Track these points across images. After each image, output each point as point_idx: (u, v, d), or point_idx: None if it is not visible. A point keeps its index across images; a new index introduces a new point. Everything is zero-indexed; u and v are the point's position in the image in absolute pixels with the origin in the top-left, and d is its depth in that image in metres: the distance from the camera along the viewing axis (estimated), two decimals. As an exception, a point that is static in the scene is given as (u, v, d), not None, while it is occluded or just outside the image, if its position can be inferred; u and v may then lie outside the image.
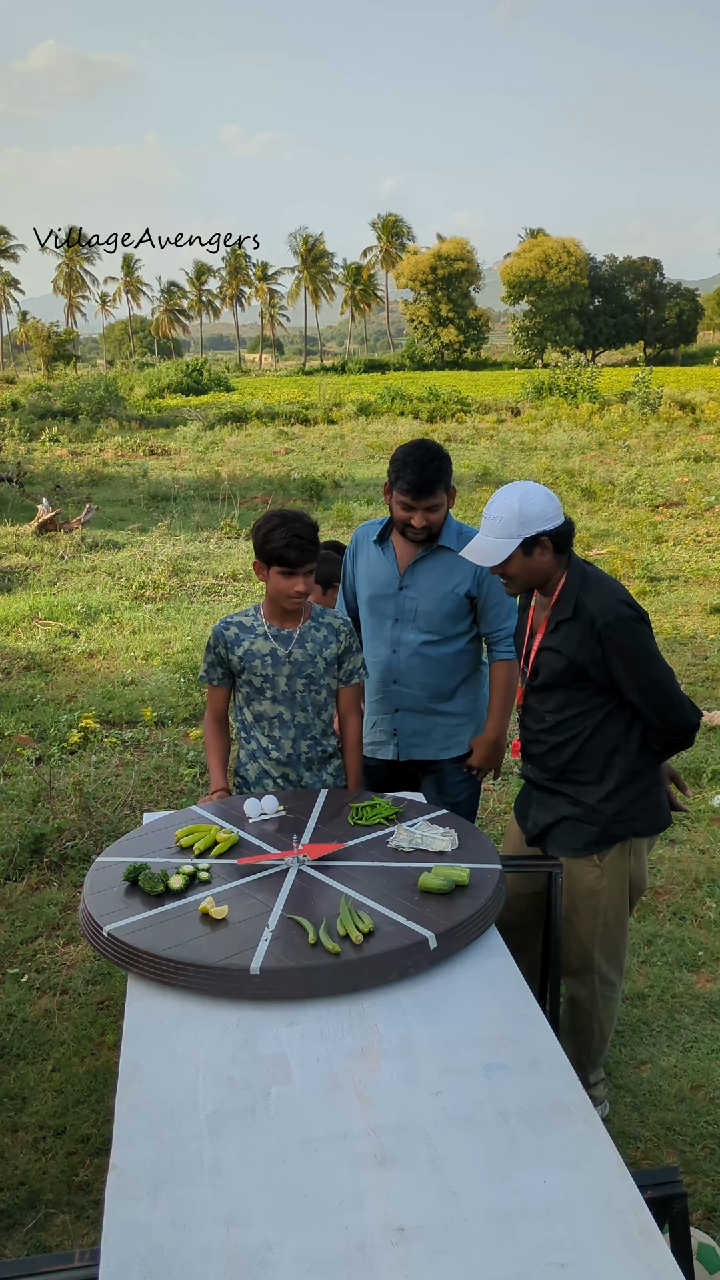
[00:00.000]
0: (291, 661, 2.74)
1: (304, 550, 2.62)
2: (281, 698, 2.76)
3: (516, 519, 2.39)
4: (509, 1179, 1.48)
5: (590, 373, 30.54)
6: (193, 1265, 1.35)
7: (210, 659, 2.82)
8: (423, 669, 2.97)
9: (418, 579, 2.95)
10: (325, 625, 2.80)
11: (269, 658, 2.73)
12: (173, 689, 6.41)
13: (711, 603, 8.18)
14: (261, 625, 2.77)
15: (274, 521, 2.65)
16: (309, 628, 2.77)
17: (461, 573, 2.92)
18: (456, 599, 2.93)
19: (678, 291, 75.95)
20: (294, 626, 2.76)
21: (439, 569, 2.94)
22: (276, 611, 2.76)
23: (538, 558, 2.44)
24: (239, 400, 33.80)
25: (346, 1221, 1.41)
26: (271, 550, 2.63)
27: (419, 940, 1.96)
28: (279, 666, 2.74)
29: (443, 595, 2.93)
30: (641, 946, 3.59)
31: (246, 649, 2.75)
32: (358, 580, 3.09)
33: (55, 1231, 2.45)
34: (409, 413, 26.91)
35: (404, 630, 2.97)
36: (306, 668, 2.75)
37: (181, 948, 1.95)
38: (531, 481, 2.47)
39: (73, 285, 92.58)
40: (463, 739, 3.06)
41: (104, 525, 12.55)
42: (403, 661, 2.98)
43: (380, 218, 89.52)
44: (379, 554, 3.02)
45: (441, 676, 2.98)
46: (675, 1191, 1.70)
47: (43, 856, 4.21)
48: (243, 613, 2.83)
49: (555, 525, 2.41)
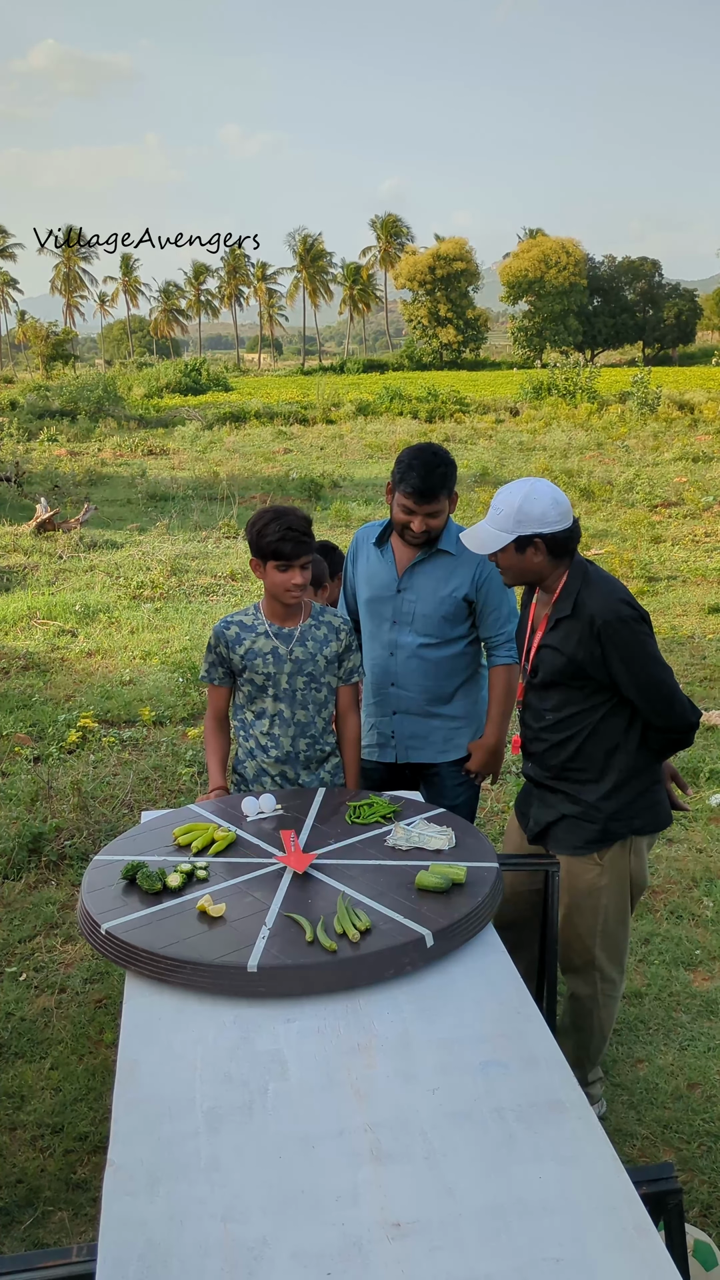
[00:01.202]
0: (293, 659, 2.74)
1: (298, 543, 2.62)
2: (283, 695, 2.76)
3: (514, 515, 2.40)
4: (505, 1175, 1.48)
5: (589, 373, 30.52)
6: (190, 1260, 1.36)
7: (211, 659, 2.82)
8: (420, 672, 2.96)
9: (416, 581, 2.94)
10: (325, 623, 2.80)
11: (270, 656, 2.73)
12: (171, 688, 6.41)
13: (710, 602, 8.19)
14: (262, 624, 2.77)
15: (267, 517, 2.65)
16: (309, 626, 2.78)
17: (460, 576, 2.91)
18: (454, 602, 2.92)
19: (676, 292, 75.99)
20: (294, 624, 2.76)
21: (438, 572, 2.93)
22: (277, 609, 2.76)
23: (529, 557, 2.44)
24: (237, 400, 33.78)
25: (343, 1217, 1.41)
26: (266, 545, 2.63)
27: (416, 938, 1.96)
28: (280, 664, 2.74)
29: (441, 598, 2.92)
30: (639, 945, 3.59)
31: (248, 648, 2.74)
32: (357, 582, 3.09)
33: (53, 1229, 2.45)
34: (407, 413, 26.91)
35: (401, 633, 2.96)
36: (307, 665, 2.75)
37: (179, 945, 1.96)
38: (546, 482, 2.45)
39: (71, 285, 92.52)
40: (461, 742, 3.05)
41: (102, 525, 12.55)
42: (400, 664, 2.97)
43: (379, 218, 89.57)
44: (378, 556, 3.01)
45: (439, 680, 2.98)
46: (671, 1188, 1.71)
47: (41, 855, 4.22)
48: (243, 612, 2.82)
49: (554, 530, 2.40)
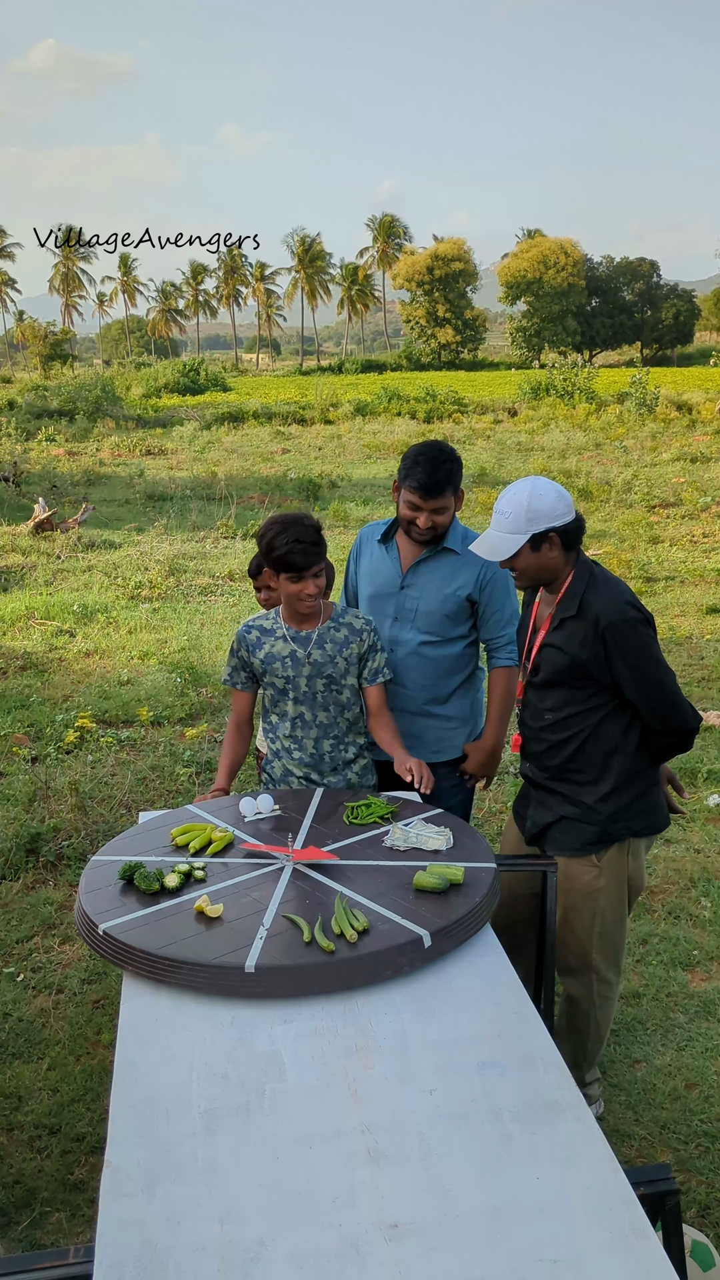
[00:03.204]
0: (311, 663, 2.74)
1: (307, 553, 2.62)
2: (303, 699, 2.77)
3: (525, 514, 2.40)
4: (502, 1176, 1.48)
5: (587, 373, 30.53)
6: (187, 1262, 1.36)
7: (233, 663, 2.84)
8: (419, 670, 2.96)
9: (419, 579, 2.94)
10: (346, 625, 2.80)
11: (289, 659, 2.74)
12: (169, 689, 6.41)
13: (707, 603, 8.20)
14: (281, 628, 2.78)
15: (275, 528, 2.65)
16: (328, 628, 2.78)
17: (464, 575, 2.91)
18: (458, 601, 2.92)
19: (675, 292, 76.05)
20: (312, 628, 2.77)
21: (442, 570, 2.93)
22: (294, 614, 2.78)
23: (546, 554, 2.45)
24: (236, 400, 33.79)
25: (340, 1218, 1.41)
26: (276, 557, 2.64)
27: (413, 939, 1.96)
28: (299, 668, 2.74)
29: (444, 596, 2.92)
30: (636, 946, 3.60)
31: (267, 652, 2.76)
32: (360, 579, 3.09)
33: (50, 1230, 2.45)
34: (406, 413, 26.91)
35: (403, 629, 2.96)
36: (326, 668, 2.75)
37: (177, 946, 1.96)
38: (543, 477, 2.47)
39: (69, 285, 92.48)
40: (456, 743, 3.05)
41: (100, 525, 12.55)
42: (400, 661, 2.97)
43: (377, 218, 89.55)
44: (382, 553, 3.02)
45: (438, 678, 2.98)
46: (668, 1188, 1.70)
47: (38, 856, 4.21)
48: (264, 615, 2.84)
49: (564, 522, 2.42)
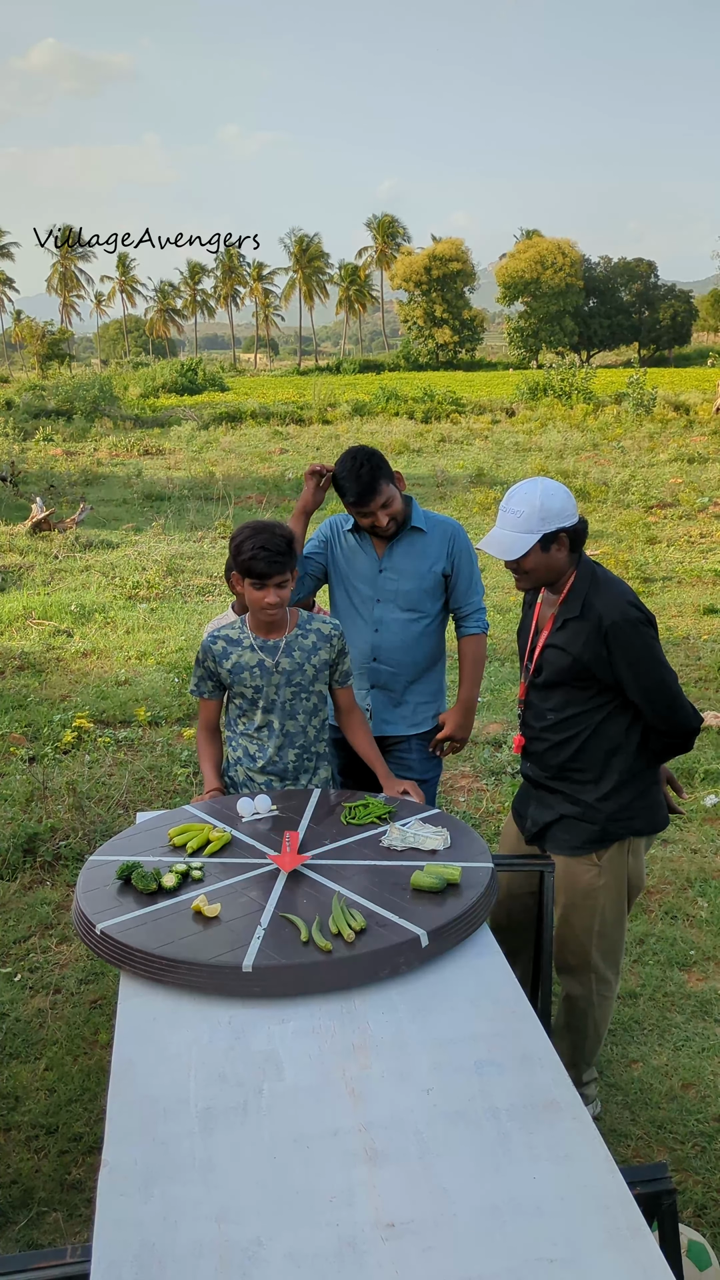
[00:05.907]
0: (280, 671, 2.72)
1: (271, 562, 2.57)
2: (272, 707, 2.75)
3: (538, 514, 2.41)
4: (499, 1175, 1.48)
5: (585, 374, 30.55)
6: (184, 1261, 1.36)
7: (200, 673, 2.80)
8: (402, 646, 3.08)
9: (396, 561, 3.06)
10: (314, 631, 2.77)
11: (257, 669, 2.72)
12: (166, 689, 6.41)
13: (704, 603, 8.21)
14: (248, 637, 2.74)
15: (245, 533, 2.61)
16: (295, 636, 2.75)
17: (435, 552, 3.05)
18: (434, 577, 3.05)
19: (672, 293, 76.09)
20: (279, 636, 2.74)
21: (414, 549, 3.05)
22: (259, 623, 2.74)
23: (554, 554, 2.46)
24: (234, 400, 33.79)
25: (337, 1218, 1.41)
26: (241, 561, 2.59)
27: (411, 938, 1.96)
28: (268, 677, 2.72)
29: (421, 574, 3.05)
30: (634, 946, 3.60)
31: (235, 661, 2.73)
32: (334, 563, 3.14)
33: (48, 1230, 2.45)
34: (403, 413, 26.92)
35: (386, 609, 3.07)
36: (295, 676, 2.73)
37: (174, 945, 1.96)
38: (549, 478, 2.49)
39: (67, 284, 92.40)
40: (431, 715, 3.18)
41: (98, 525, 12.55)
42: (384, 639, 3.07)
43: (376, 218, 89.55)
44: (355, 542, 3.11)
45: (419, 653, 3.10)
46: (664, 1188, 1.71)
47: (36, 856, 4.21)
48: (230, 625, 2.80)
49: (573, 522, 2.45)
